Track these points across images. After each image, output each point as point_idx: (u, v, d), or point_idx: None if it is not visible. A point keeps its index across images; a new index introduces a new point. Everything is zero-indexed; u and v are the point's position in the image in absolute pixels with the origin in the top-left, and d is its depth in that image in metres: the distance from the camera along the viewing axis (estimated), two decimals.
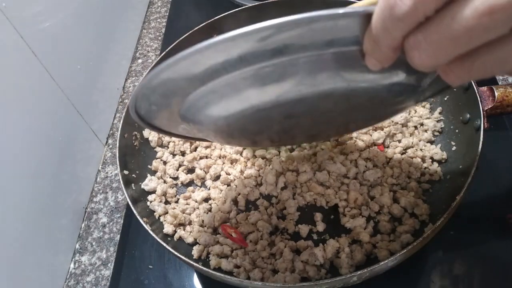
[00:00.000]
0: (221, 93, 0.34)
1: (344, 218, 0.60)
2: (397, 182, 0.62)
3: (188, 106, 0.38)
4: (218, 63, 0.31)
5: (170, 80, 0.34)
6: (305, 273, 0.55)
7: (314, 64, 0.30)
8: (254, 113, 0.35)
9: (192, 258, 0.58)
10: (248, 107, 0.35)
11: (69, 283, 0.67)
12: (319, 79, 0.32)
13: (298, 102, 0.34)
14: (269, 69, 0.31)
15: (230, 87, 0.33)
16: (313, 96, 0.33)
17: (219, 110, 0.36)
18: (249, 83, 0.32)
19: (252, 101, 0.34)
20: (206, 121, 0.39)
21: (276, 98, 0.33)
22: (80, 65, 0.77)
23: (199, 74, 0.32)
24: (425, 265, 0.59)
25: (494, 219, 0.62)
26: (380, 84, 0.33)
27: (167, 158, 0.71)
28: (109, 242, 0.71)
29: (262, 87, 0.32)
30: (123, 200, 0.76)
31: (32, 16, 0.64)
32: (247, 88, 0.33)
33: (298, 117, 0.38)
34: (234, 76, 0.32)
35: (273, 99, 0.33)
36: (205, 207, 0.64)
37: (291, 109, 0.35)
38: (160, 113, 0.42)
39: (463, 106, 0.62)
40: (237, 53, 0.29)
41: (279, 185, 0.64)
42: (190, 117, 0.40)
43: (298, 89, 0.32)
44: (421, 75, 0.35)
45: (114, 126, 0.88)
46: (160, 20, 1.12)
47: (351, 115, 0.41)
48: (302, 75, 0.31)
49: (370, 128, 0.69)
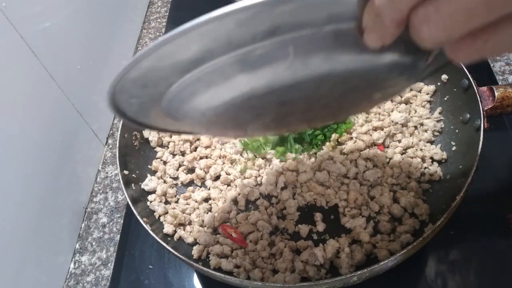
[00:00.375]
0: (208, 81, 0.31)
1: (344, 218, 0.60)
2: (397, 182, 0.62)
3: (171, 98, 0.34)
4: (203, 47, 0.28)
5: (150, 69, 0.30)
6: (305, 273, 0.55)
7: (309, 44, 0.28)
8: (245, 101, 0.32)
9: (192, 258, 0.58)
10: (238, 95, 0.32)
11: (69, 283, 0.67)
12: (314, 61, 0.29)
13: (293, 87, 0.31)
14: (260, 51, 0.28)
15: (218, 73, 0.30)
16: (308, 80, 0.30)
17: (206, 100, 0.33)
18: (239, 68, 0.29)
19: (242, 88, 0.31)
20: (192, 113, 0.35)
21: (269, 84, 0.30)
22: (80, 65, 0.77)
23: (182, 60, 0.29)
24: (425, 265, 0.59)
25: (494, 219, 0.62)
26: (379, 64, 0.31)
27: (167, 158, 0.71)
28: (109, 242, 0.71)
29: (253, 72, 0.30)
30: (123, 200, 0.76)
31: (32, 16, 0.64)
32: (236, 74, 0.30)
33: (293, 104, 0.35)
34: (221, 61, 0.29)
35: (265, 85, 0.30)
36: (205, 207, 0.64)
37: (285, 95, 0.32)
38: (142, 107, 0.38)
39: (463, 106, 0.62)
40: (225, 34, 0.26)
41: (279, 185, 0.64)
42: (174, 110, 0.36)
43: (292, 72, 0.30)
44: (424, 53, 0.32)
45: (114, 126, 0.88)
46: (160, 20, 1.12)
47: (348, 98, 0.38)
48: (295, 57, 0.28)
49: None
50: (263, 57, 0.28)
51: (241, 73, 0.30)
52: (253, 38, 0.27)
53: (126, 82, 0.32)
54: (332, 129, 0.68)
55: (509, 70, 0.81)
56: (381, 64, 0.31)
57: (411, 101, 0.71)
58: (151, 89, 0.34)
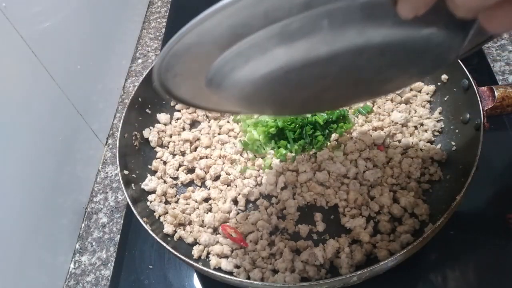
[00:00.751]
0: (247, 56, 0.32)
1: (344, 218, 0.60)
2: (397, 182, 0.62)
3: (214, 73, 0.36)
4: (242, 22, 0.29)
5: (193, 45, 0.31)
6: (305, 273, 0.55)
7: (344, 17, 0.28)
8: (283, 74, 0.33)
9: (192, 258, 0.58)
10: (276, 68, 0.32)
11: (69, 283, 0.67)
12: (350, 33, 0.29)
13: (329, 60, 0.31)
14: (297, 24, 0.28)
15: (256, 48, 0.31)
16: (344, 52, 0.31)
17: (246, 74, 0.34)
18: (276, 41, 0.30)
19: (280, 61, 0.32)
20: (232, 88, 0.36)
21: (306, 56, 0.31)
22: (80, 65, 0.77)
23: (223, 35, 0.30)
24: (425, 265, 0.59)
25: (494, 219, 0.62)
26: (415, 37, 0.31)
27: (167, 158, 0.71)
28: (109, 242, 0.71)
29: (290, 45, 0.30)
30: (123, 200, 0.76)
31: (32, 16, 0.64)
32: (274, 48, 0.31)
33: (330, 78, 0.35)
34: (260, 36, 0.30)
35: (302, 58, 0.31)
36: (205, 207, 0.64)
37: (322, 69, 0.33)
38: (185, 83, 0.40)
39: (463, 106, 0.62)
40: (262, 9, 0.27)
41: (279, 185, 0.64)
42: (215, 86, 0.37)
43: (328, 45, 0.30)
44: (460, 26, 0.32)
45: (114, 126, 0.88)
46: (160, 20, 1.12)
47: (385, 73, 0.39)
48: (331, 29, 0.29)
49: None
50: (299, 30, 0.29)
51: (279, 46, 0.30)
52: (289, 12, 0.28)
53: (171, 59, 0.33)
54: (332, 129, 0.68)
55: (509, 70, 0.81)
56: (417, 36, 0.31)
57: (411, 101, 0.71)
58: (194, 65, 0.35)
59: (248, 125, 0.71)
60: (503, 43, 0.86)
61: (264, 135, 0.69)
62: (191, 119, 0.76)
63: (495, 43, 0.86)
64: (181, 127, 0.75)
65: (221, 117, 0.76)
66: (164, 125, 0.75)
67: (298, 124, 0.67)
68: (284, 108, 0.45)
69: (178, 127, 0.75)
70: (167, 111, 0.76)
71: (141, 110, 0.73)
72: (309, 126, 0.67)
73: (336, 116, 0.69)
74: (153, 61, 0.90)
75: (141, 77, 0.72)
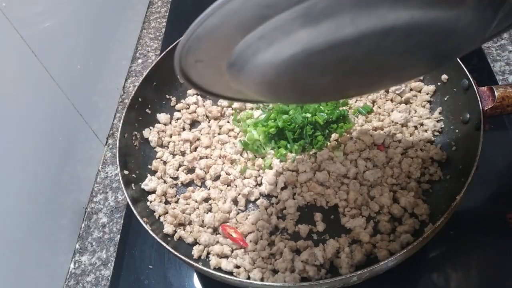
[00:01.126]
0: (270, 38, 0.31)
1: (344, 218, 0.60)
2: (397, 182, 0.62)
3: (235, 57, 0.35)
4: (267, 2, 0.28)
5: (216, 27, 0.31)
6: (305, 273, 0.55)
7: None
8: (306, 57, 0.32)
9: (192, 258, 0.58)
10: (299, 51, 0.31)
11: (69, 283, 0.67)
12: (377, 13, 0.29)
13: (354, 42, 0.30)
14: (323, 4, 0.28)
15: (280, 30, 0.30)
16: (370, 34, 0.30)
17: (268, 57, 0.33)
18: (300, 23, 0.29)
19: (304, 43, 0.31)
20: (254, 73, 0.36)
21: (330, 38, 0.30)
22: (80, 65, 0.77)
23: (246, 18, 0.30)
24: (425, 265, 0.59)
25: (494, 219, 0.62)
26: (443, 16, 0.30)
27: (167, 158, 0.71)
28: (109, 242, 0.71)
29: (314, 26, 0.29)
30: (123, 200, 0.76)
31: (32, 16, 0.64)
32: (298, 30, 0.30)
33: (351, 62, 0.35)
34: (284, 17, 0.29)
35: (326, 40, 0.30)
36: (205, 207, 0.64)
37: (345, 52, 0.32)
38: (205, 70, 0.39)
39: (463, 106, 0.62)
40: None
41: (279, 185, 0.64)
42: (237, 70, 0.36)
43: (353, 25, 0.29)
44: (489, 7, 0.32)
45: (114, 126, 0.88)
46: (160, 20, 1.12)
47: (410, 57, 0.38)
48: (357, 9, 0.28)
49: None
50: (325, 10, 0.28)
51: (303, 28, 0.30)
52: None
53: (193, 43, 0.33)
54: (332, 129, 0.68)
55: (509, 70, 0.81)
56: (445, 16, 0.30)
57: (411, 101, 0.71)
58: (215, 50, 0.34)
59: (248, 125, 0.71)
60: (503, 43, 0.86)
61: (264, 135, 0.69)
62: (191, 119, 0.76)
63: (495, 43, 0.86)
64: (181, 127, 0.75)
65: (221, 117, 0.77)
66: (164, 125, 0.75)
67: (298, 124, 0.67)
68: (305, 94, 0.44)
69: (178, 127, 0.75)
70: (167, 111, 0.77)
71: (141, 110, 0.73)
72: (309, 126, 0.67)
73: (336, 116, 0.69)
74: (153, 61, 0.90)
75: (141, 77, 0.72)
